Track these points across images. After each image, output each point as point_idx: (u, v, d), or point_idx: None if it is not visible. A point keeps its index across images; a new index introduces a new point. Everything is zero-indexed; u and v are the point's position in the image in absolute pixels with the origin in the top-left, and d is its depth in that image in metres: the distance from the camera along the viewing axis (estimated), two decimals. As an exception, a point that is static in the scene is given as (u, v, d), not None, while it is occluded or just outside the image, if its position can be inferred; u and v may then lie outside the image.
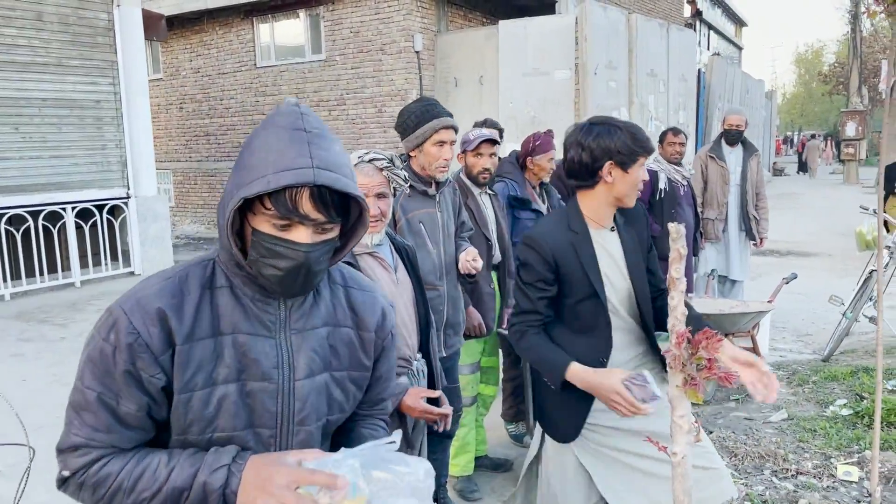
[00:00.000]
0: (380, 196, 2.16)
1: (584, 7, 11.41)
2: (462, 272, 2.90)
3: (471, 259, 2.85)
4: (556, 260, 2.16)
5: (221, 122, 15.14)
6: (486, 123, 4.25)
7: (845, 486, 3.50)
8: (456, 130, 2.87)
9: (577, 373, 2.08)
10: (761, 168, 6.06)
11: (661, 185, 4.99)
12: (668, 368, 1.14)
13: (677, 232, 1.09)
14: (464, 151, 3.42)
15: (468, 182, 3.44)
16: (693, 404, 4.19)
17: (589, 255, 2.18)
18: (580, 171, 2.18)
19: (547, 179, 4.06)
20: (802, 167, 30.30)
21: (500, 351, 3.83)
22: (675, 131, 5.18)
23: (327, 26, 13.46)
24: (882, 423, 3.70)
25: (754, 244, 6.06)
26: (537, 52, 11.77)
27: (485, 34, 12.48)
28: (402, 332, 2.21)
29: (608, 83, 11.91)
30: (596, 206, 2.21)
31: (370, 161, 2.17)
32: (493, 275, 3.52)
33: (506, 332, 3.46)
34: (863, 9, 22.06)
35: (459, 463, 3.39)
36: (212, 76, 15.10)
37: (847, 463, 3.68)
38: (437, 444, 2.78)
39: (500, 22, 12.22)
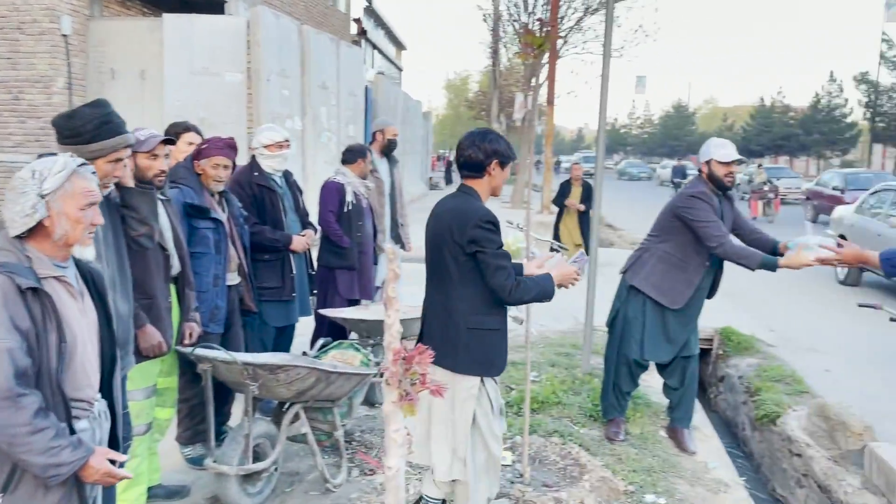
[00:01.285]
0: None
1: (256, 11, 11.24)
2: None
3: None
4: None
5: None
6: (180, 126, 3.95)
7: (502, 469, 3.95)
8: (132, 146, 2.71)
9: (554, 275, 3.01)
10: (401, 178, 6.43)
11: (349, 198, 5.11)
12: (384, 386, 1.17)
13: (394, 253, 1.12)
14: (134, 153, 3.11)
15: None
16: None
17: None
18: (474, 165, 2.90)
19: (221, 187, 3.89)
20: (449, 180, 36.01)
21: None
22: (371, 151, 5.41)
23: (-57, -8, 11.25)
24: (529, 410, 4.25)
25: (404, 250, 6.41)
26: (207, 51, 11.26)
27: (148, 26, 11.57)
28: (86, 368, 1.93)
29: (281, 91, 11.89)
30: (481, 192, 2.95)
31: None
32: (172, 287, 3.27)
33: (186, 350, 3.24)
34: (502, 48, 25.32)
35: (129, 498, 3.06)
36: None
37: (503, 448, 4.16)
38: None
39: (165, 15, 11.44)
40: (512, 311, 6.32)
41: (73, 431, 1.85)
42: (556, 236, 8.86)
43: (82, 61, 11.56)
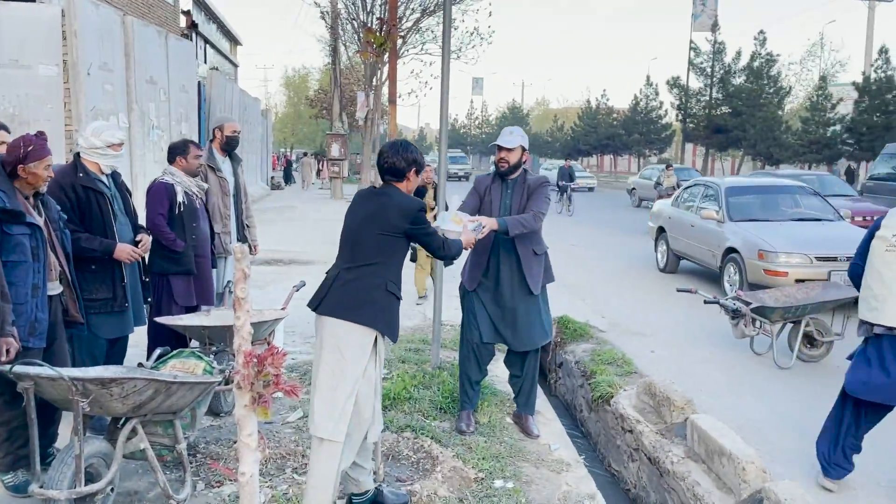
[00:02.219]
0: None
1: (71, 0, 10.37)
2: None
3: None
4: None
5: None
6: None
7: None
8: None
9: (462, 240, 3.85)
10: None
11: (180, 198, 4.82)
12: (235, 389, 1.13)
13: (242, 252, 1.09)
14: None
15: None
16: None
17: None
18: (396, 171, 3.41)
19: (44, 189, 3.58)
20: (288, 179, 36.31)
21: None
22: (196, 145, 5.04)
23: None
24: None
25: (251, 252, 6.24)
26: (15, 41, 10.23)
27: (-59, 10, 10.32)
28: None
29: (104, 86, 11.06)
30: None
31: None
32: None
33: (3, 368, 2.94)
34: (341, 46, 25.10)
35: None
36: None
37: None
38: None
39: (-36, -1, 10.27)
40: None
41: None
42: None
43: None
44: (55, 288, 3.58)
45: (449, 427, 4.55)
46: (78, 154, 4.17)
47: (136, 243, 4.36)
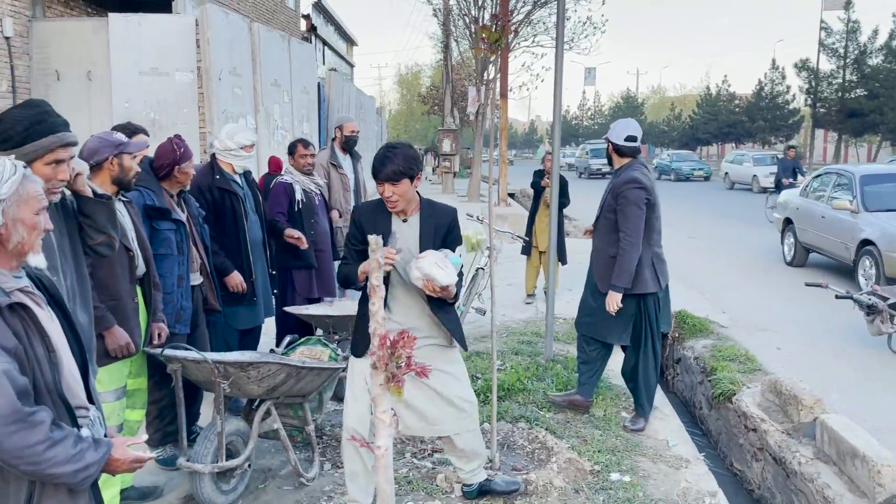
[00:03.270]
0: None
1: (204, 10, 11.07)
2: None
3: None
4: (361, 226, 3.13)
5: None
6: (129, 127, 3.89)
7: (471, 457, 4.03)
8: (75, 144, 2.50)
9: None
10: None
11: (298, 196, 5.09)
12: (370, 370, 1.23)
13: (376, 243, 1.18)
14: (119, 154, 3.11)
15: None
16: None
17: (383, 234, 2.88)
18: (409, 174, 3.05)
19: (188, 187, 3.89)
20: None
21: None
22: (305, 143, 5.26)
23: None
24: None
25: None
26: (155, 50, 11.07)
27: (92, 26, 11.30)
28: (74, 375, 1.85)
29: (234, 90, 11.76)
30: (410, 194, 3.11)
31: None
32: (138, 288, 3.26)
33: (155, 351, 3.24)
34: (453, 42, 25.38)
35: (104, 499, 3.05)
36: None
37: (471, 436, 4.24)
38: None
39: (111, 15, 11.19)
40: (475, 304, 6.44)
41: None
42: (529, 228, 8.24)
43: (26, 63, 11.24)
44: (196, 279, 3.89)
45: (563, 419, 4.57)
46: (214, 156, 4.48)
47: (263, 240, 4.64)
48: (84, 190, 2.68)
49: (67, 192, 2.65)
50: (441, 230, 3.15)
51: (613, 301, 4.28)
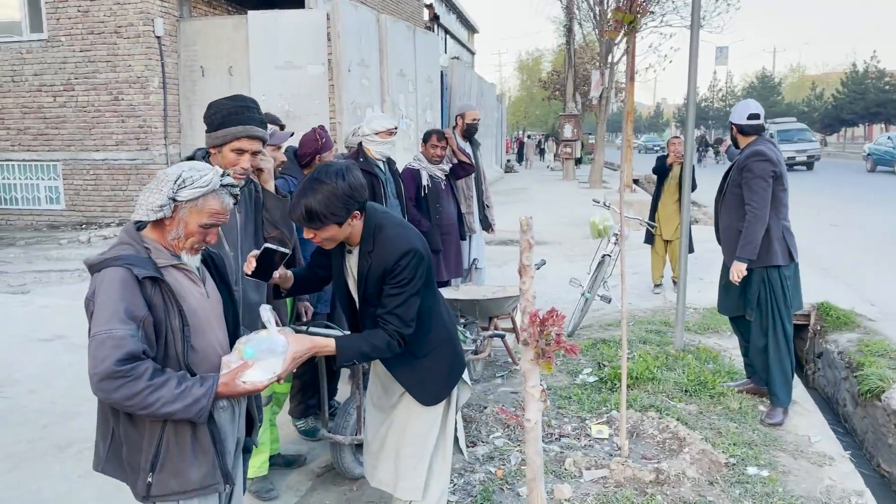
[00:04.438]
0: None
1: (335, 4, 11.50)
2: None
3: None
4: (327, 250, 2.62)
5: (-90, 106, 12.77)
6: (267, 118, 4.13)
7: (599, 443, 4.02)
8: (264, 142, 2.75)
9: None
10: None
11: (424, 181, 5.24)
12: (521, 345, 1.27)
13: (527, 224, 1.22)
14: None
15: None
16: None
17: (337, 264, 2.61)
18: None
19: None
20: (520, 158, 38.30)
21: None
22: (440, 136, 5.40)
23: (49, 3, 12.00)
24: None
25: (487, 232, 6.45)
26: (289, 45, 11.62)
27: (233, 23, 12.02)
28: (216, 349, 2.06)
29: (361, 81, 12.14)
30: (342, 236, 2.46)
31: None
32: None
33: (301, 328, 3.44)
34: (576, 25, 24.94)
35: (255, 464, 3.30)
36: None
37: (599, 423, 4.23)
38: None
39: (250, 12, 11.85)
40: (600, 291, 6.36)
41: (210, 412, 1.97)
42: (653, 216, 7.94)
43: (174, 60, 12.12)
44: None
45: (696, 410, 4.45)
46: (361, 143, 4.69)
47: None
48: (266, 184, 2.95)
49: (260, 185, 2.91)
50: (377, 272, 2.44)
51: (738, 270, 4.32)
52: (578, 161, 27.63)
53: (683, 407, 4.48)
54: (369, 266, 2.45)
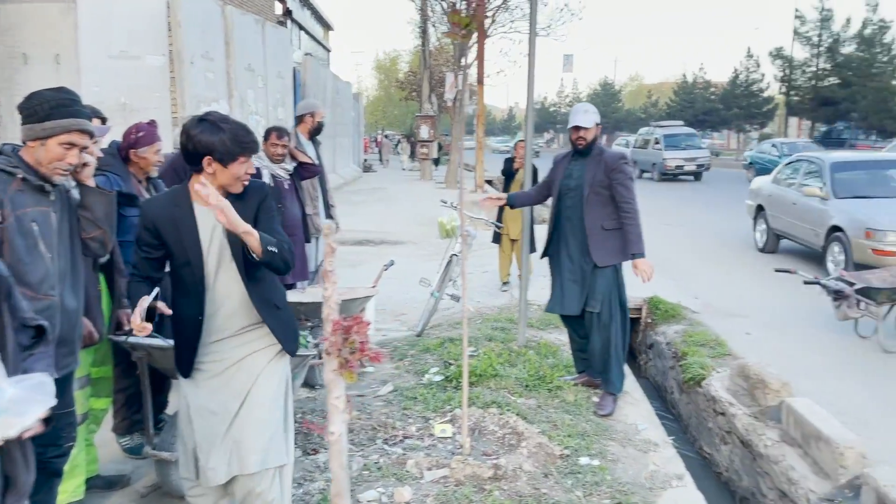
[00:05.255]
0: None
1: (175, -8, 10.89)
2: None
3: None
4: (156, 228, 2.57)
5: None
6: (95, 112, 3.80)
7: (442, 442, 4.05)
8: (92, 136, 2.63)
9: None
10: None
11: (266, 181, 5.05)
12: (323, 355, 1.22)
13: (329, 228, 1.17)
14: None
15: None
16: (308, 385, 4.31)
17: (188, 228, 2.57)
18: (189, 158, 2.55)
19: (155, 173, 3.83)
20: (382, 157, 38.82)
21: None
22: (280, 133, 5.18)
23: None
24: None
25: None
26: (125, 34, 10.87)
27: (59, 9, 11.06)
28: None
29: (206, 74, 11.60)
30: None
31: None
32: (101, 276, 3.21)
33: (119, 339, 3.20)
34: (430, 27, 25.23)
35: (67, 489, 3.02)
36: None
37: (442, 422, 4.26)
38: (42, 485, 2.42)
39: (79, -4, 10.97)
40: (450, 290, 6.45)
41: None
42: (500, 216, 8.14)
43: (-10, 46, 10.99)
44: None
45: (535, 404, 4.60)
46: None
47: None
48: (87, 180, 2.74)
49: (73, 185, 2.72)
50: (252, 211, 2.57)
51: (648, 268, 4.49)
52: (436, 161, 27.98)
53: (524, 402, 4.62)
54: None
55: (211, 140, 2.47)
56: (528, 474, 3.60)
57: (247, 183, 2.61)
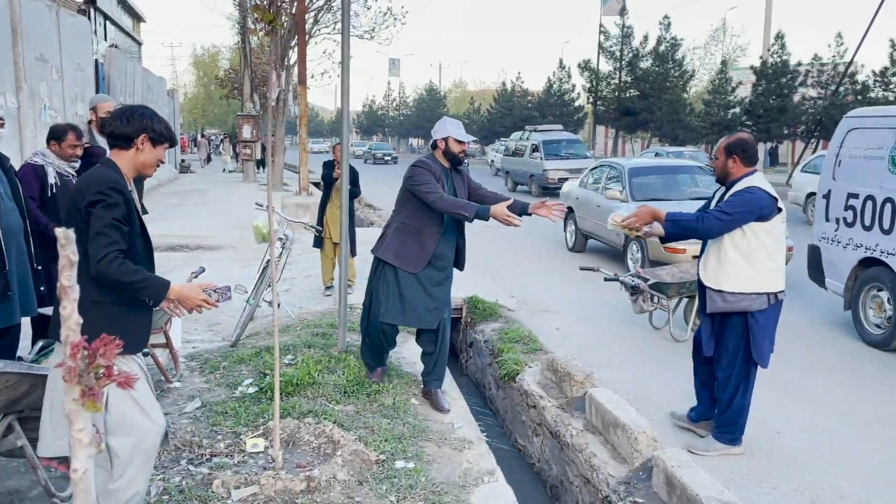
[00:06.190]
0: None
1: (-52, -31, 9.64)
2: None
3: None
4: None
5: None
6: None
7: (254, 458, 3.87)
8: None
9: (174, 288, 2.74)
10: None
11: (51, 179, 4.63)
12: (64, 381, 1.07)
13: (66, 238, 1.03)
14: None
15: None
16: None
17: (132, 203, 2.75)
18: (119, 137, 2.77)
19: None
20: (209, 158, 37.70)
21: None
22: (78, 134, 4.78)
23: None
24: (281, 394, 4.21)
25: None
26: None
27: None
28: None
29: (-13, 63, 10.37)
30: (127, 167, 2.80)
31: None
32: None
33: None
34: (250, 24, 24.32)
35: None
36: None
37: (255, 436, 4.07)
38: None
39: None
40: (267, 296, 6.21)
41: None
42: (321, 220, 8.00)
43: None
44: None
45: (353, 410, 4.53)
46: None
47: (25, 231, 4.12)
48: None
49: None
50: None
51: (498, 211, 4.48)
52: (260, 163, 27.02)
53: (342, 409, 4.54)
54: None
55: (150, 123, 2.79)
56: (343, 483, 3.52)
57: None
